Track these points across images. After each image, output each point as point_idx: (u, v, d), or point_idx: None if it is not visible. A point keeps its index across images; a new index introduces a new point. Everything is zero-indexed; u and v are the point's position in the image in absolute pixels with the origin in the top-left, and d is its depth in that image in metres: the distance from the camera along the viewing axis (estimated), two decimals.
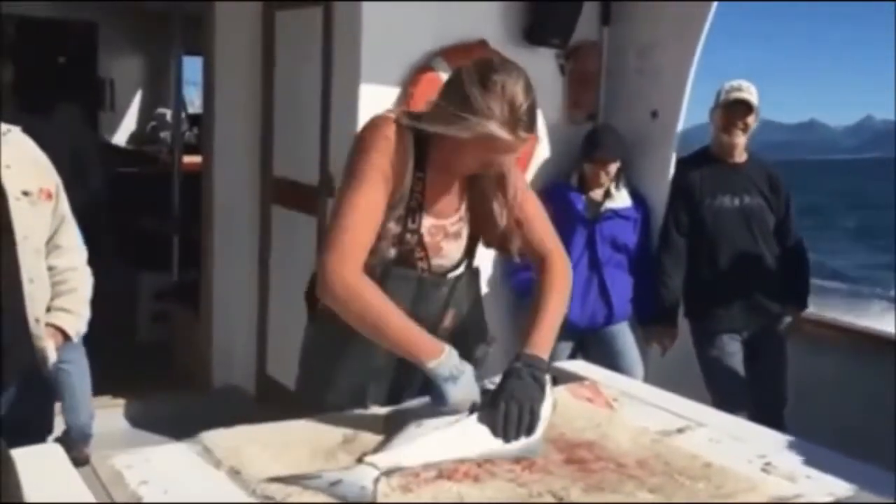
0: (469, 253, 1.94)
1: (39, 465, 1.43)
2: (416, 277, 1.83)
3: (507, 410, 1.59)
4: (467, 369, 1.67)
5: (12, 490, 1.25)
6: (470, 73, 1.71)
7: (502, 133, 1.66)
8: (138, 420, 3.87)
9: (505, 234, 1.89)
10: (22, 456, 1.45)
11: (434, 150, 1.78)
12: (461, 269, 1.92)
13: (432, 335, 1.74)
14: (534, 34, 3.63)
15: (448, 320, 1.90)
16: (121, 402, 3.97)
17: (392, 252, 1.81)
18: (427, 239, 1.83)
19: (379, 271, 1.79)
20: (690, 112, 3.74)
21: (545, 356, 1.73)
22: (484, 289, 2.06)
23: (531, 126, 1.71)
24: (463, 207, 1.89)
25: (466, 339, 1.91)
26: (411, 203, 1.79)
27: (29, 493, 1.33)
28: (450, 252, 1.89)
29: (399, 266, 1.82)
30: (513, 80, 1.69)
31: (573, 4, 3.67)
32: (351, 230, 1.69)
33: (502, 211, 1.86)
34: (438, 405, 1.64)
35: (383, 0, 3.34)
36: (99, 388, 3.89)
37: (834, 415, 3.16)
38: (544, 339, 1.76)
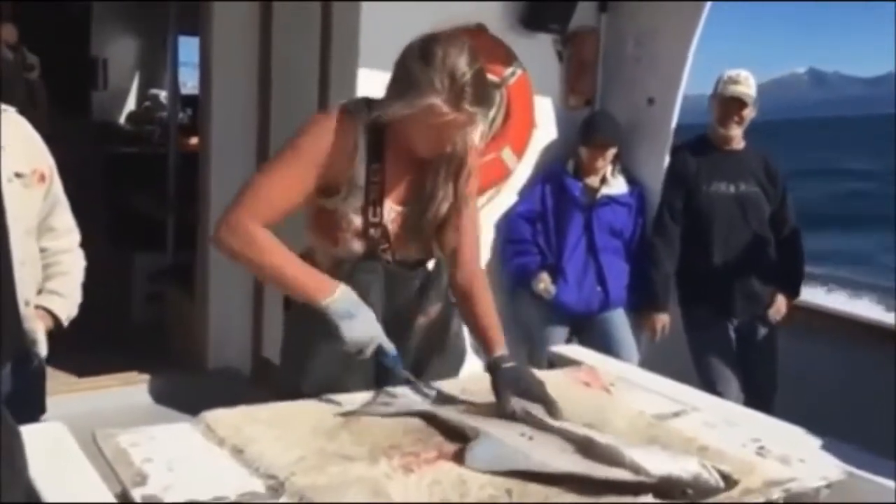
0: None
1: (44, 443, 1.44)
2: (383, 270, 1.81)
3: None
4: (364, 309, 1.68)
5: (18, 464, 1.26)
6: (412, 48, 1.68)
7: (443, 107, 1.62)
8: (132, 400, 3.87)
9: (441, 227, 1.82)
10: (26, 433, 1.46)
11: (393, 137, 1.75)
12: (435, 262, 1.88)
13: (408, 330, 1.79)
14: (532, 20, 3.62)
15: (423, 315, 1.88)
16: (115, 381, 3.97)
17: (358, 245, 1.79)
18: (393, 230, 1.80)
19: (347, 265, 1.78)
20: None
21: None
22: None
23: (478, 99, 1.65)
24: None
25: (441, 318, 1.92)
26: (371, 194, 1.76)
27: (34, 470, 1.35)
28: (432, 239, 1.85)
29: (366, 259, 1.80)
30: (455, 50, 1.63)
31: None
32: (252, 197, 1.71)
33: (445, 198, 1.80)
34: (339, 345, 1.66)
35: None
36: (93, 369, 3.94)
37: (825, 402, 3.19)
38: (504, 343, 1.80)
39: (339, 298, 1.66)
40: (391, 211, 1.80)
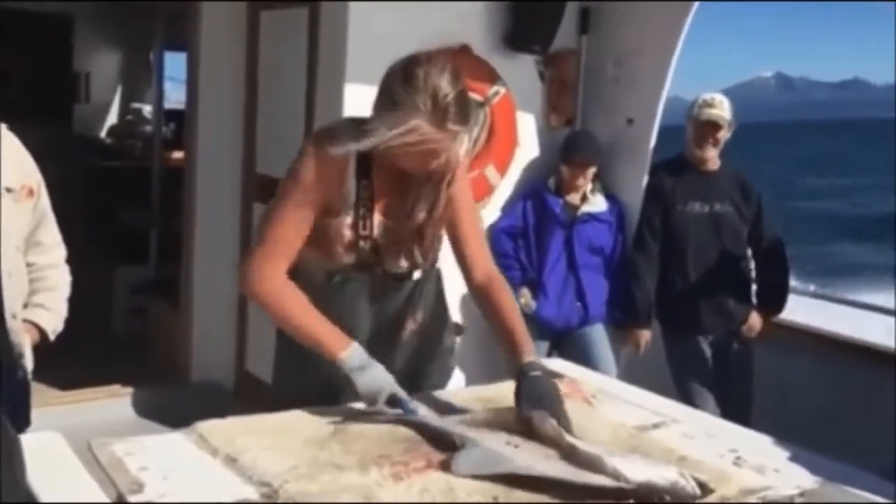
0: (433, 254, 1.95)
1: (41, 451, 1.47)
2: (372, 280, 1.87)
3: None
4: (376, 364, 1.73)
5: (17, 473, 1.29)
6: (395, 70, 1.70)
7: (427, 127, 1.64)
8: (115, 413, 3.87)
9: (419, 232, 1.86)
10: (23, 442, 1.49)
11: (380, 153, 1.76)
12: (421, 272, 1.93)
13: (396, 338, 1.83)
14: (515, 41, 3.70)
15: (411, 324, 1.94)
16: (98, 394, 3.98)
17: (350, 257, 1.84)
18: (382, 242, 1.85)
19: (339, 277, 1.84)
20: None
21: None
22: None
23: (461, 118, 1.68)
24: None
25: (433, 332, 1.98)
26: (361, 210, 1.81)
27: (34, 477, 1.38)
28: (417, 252, 1.90)
29: (357, 271, 1.86)
30: (437, 70, 1.65)
31: (554, 13, 3.75)
32: (272, 241, 1.80)
33: (425, 210, 1.84)
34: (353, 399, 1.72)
35: (370, 0, 3.39)
36: (75, 382, 3.94)
37: (803, 415, 3.27)
38: (531, 348, 1.80)
39: (351, 354, 1.72)
40: (380, 224, 1.84)
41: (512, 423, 1.62)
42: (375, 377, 1.72)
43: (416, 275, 1.92)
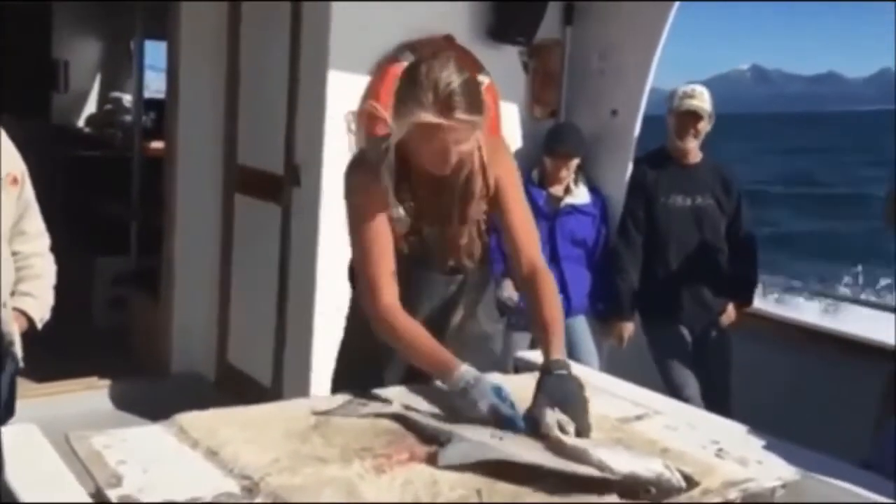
0: (484, 254, 2.03)
1: (18, 443, 1.45)
2: (420, 277, 1.94)
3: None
4: (482, 381, 1.69)
5: None
6: (404, 71, 1.79)
7: (430, 117, 1.69)
8: (93, 405, 3.84)
9: (460, 232, 1.95)
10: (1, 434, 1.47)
11: (414, 161, 1.84)
12: (468, 270, 2.00)
13: (444, 329, 1.92)
14: (499, 32, 3.68)
15: (457, 319, 2.01)
16: (76, 386, 3.94)
17: (399, 257, 1.89)
18: (427, 244, 1.93)
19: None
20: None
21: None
22: None
23: (470, 107, 1.72)
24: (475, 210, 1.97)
25: (479, 329, 2.07)
26: (406, 211, 1.89)
27: (10, 470, 1.36)
28: (461, 252, 1.98)
29: (407, 268, 1.91)
30: (439, 64, 1.73)
31: (538, 4, 3.74)
32: (373, 265, 1.84)
33: (458, 217, 1.93)
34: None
35: None
36: (54, 374, 3.89)
37: (780, 405, 3.29)
38: (561, 346, 1.81)
39: (454, 379, 1.71)
40: (424, 226, 1.92)
41: None
42: (471, 399, 1.66)
43: (463, 272, 2.00)
